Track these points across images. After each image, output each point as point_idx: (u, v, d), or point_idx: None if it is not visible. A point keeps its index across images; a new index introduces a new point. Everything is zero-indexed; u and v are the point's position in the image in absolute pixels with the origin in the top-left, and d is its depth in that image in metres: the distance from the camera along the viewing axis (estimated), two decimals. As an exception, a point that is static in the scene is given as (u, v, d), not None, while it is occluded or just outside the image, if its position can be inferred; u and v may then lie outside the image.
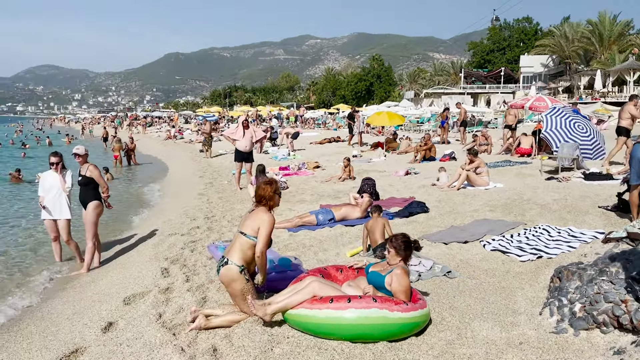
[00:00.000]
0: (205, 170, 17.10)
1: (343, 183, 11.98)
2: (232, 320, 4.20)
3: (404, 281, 4.02)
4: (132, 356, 3.93)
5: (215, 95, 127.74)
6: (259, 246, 4.19)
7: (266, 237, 4.22)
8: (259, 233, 4.23)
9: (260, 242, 4.20)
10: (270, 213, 4.37)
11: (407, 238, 4.31)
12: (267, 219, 4.27)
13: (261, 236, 4.22)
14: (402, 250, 4.21)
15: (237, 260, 4.20)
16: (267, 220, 4.26)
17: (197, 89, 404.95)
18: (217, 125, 40.31)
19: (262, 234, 4.22)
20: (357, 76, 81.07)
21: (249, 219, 4.36)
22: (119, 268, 6.79)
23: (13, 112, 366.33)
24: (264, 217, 4.29)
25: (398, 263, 4.19)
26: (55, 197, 7.10)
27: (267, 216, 4.30)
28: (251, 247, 4.21)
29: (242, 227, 4.36)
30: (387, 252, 4.28)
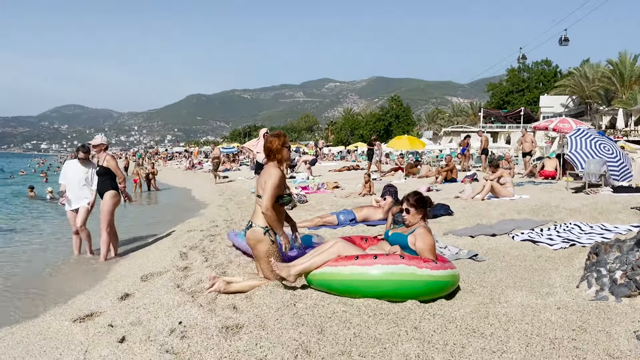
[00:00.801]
0: (224, 191, 17.10)
1: (363, 198, 11.82)
2: (252, 285, 4.04)
3: (428, 239, 3.87)
4: (149, 314, 3.79)
5: (235, 134, 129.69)
6: (264, 201, 3.93)
7: (270, 190, 3.94)
8: (264, 187, 3.99)
9: (264, 197, 3.94)
10: (277, 167, 4.08)
11: (419, 194, 4.21)
12: (273, 172, 4.00)
13: (265, 190, 3.96)
14: (419, 207, 4.08)
15: (260, 222, 4.06)
16: (272, 173, 4.00)
17: (217, 129, 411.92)
18: (236, 157, 40.69)
19: (266, 188, 3.96)
20: (375, 116, 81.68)
21: (259, 178, 4.17)
22: (137, 257, 6.69)
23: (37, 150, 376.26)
24: (270, 170, 4.04)
25: (419, 222, 4.05)
26: (77, 187, 7.10)
27: (274, 170, 4.03)
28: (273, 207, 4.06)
29: (257, 189, 4.23)
30: (404, 214, 4.14)
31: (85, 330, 3.72)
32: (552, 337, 2.93)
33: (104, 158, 7.04)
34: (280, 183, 4.01)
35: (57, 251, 7.82)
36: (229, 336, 3.06)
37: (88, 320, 4.00)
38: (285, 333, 3.01)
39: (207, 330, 3.19)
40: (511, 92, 68.92)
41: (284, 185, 4.11)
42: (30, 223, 11.28)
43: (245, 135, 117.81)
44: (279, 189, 3.99)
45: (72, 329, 3.81)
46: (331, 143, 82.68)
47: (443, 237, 6.27)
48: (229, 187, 18.25)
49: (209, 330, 3.17)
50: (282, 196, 4.06)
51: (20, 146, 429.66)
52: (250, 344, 2.90)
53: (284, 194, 4.07)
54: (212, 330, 3.17)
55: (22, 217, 12.38)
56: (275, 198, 3.99)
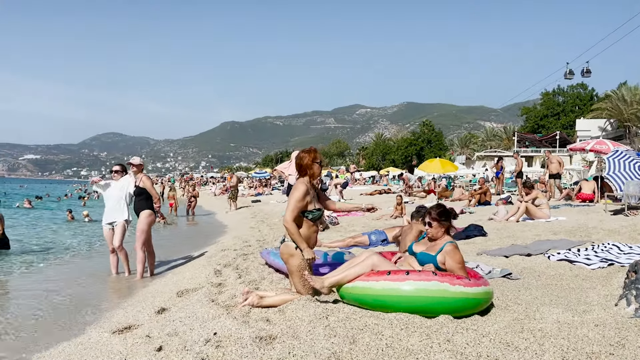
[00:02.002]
0: (257, 214, 17.30)
1: (395, 220, 11.79)
2: (284, 300, 4.09)
3: (457, 256, 3.86)
4: (185, 326, 3.88)
5: (267, 160, 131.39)
6: (286, 213, 4.00)
7: (293, 202, 3.97)
8: (288, 201, 4.06)
9: (286, 209, 4.01)
10: (304, 183, 4.09)
11: (442, 206, 4.19)
12: (299, 187, 4.04)
13: (288, 203, 4.02)
14: (442, 220, 4.05)
15: (294, 237, 4.13)
16: (298, 187, 4.04)
17: (250, 155, 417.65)
18: (268, 182, 41.14)
19: (289, 201, 4.01)
20: (407, 141, 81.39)
21: None
22: (172, 275, 6.85)
23: (77, 176, 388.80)
24: (297, 185, 4.08)
25: (443, 237, 4.04)
26: (114, 204, 7.32)
27: (300, 184, 4.07)
28: (303, 222, 4.10)
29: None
30: (427, 227, 4.13)
31: (123, 341, 3.83)
32: (589, 351, 2.87)
33: (140, 179, 7.29)
34: (305, 197, 4.02)
35: (94, 269, 8.05)
36: (263, 346, 3.12)
37: (126, 332, 4.12)
38: (317, 343, 3.05)
39: (241, 340, 3.25)
40: (546, 116, 67.78)
41: (312, 201, 4.12)
42: (68, 244, 11.65)
43: (277, 161, 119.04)
44: (302, 202, 4.01)
45: (111, 340, 3.93)
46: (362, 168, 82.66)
47: (476, 257, 6.20)
48: (262, 210, 18.45)
49: (243, 340, 3.24)
50: (311, 211, 4.08)
51: (61, 173, 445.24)
52: (283, 353, 2.95)
53: (313, 209, 4.11)
54: (246, 340, 3.23)
55: (60, 238, 12.80)
56: (297, 211, 4.00)
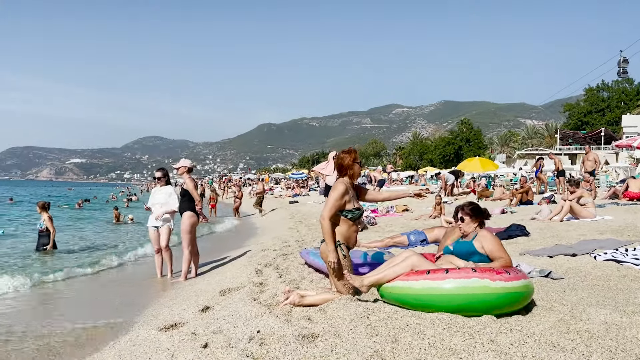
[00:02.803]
0: (295, 214, 17.44)
1: (434, 220, 11.67)
2: (325, 299, 4.13)
3: (494, 239, 3.94)
4: (229, 324, 3.98)
5: (304, 161, 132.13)
6: (323, 210, 4.07)
7: (331, 200, 4.05)
8: (327, 199, 4.14)
9: (324, 207, 4.10)
10: (343, 183, 4.15)
11: (474, 203, 4.28)
12: (338, 186, 4.11)
13: (327, 201, 4.12)
14: (474, 215, 4.14)
15: (334, 236, 4.18)
16: (337, 187, 4.11)
17: (287, 157, 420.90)
18: (305, 182, 41.37)
19: (328, 199, 4.11)
20: (445, 140, 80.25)
21: None
22: (215, 274, 7.00)
23: (121, 179, 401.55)
24: (336, 185, 4.15)
25: (476, 230, 4.09)
26: (157, 208, 7.53)
27: (339, 184, 4.13)
28: (341, 222, 4.12)
29: None
30: (459, 223, 4.18)
31: (170, 338, 3.96)
32: (639, 353, 2.80)
33: (184, 180, 7.47)
34: (344, 196, 4.07)
35: (140, 270, 8.32)
36: (305, 343, 3.17)
37: (173, 330, 4.26)
38: (359, 342, 3.08)
39: (284, 338, 3.31)
40: (590, 112, 65.59)
41: (352, 200, 4.16)
42: (113, 245, 12.05)
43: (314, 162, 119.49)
44: (340, 201, 4.06)
45: (158, 337, 4.07)
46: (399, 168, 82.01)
47: (519, 258, 6.09)
48: (299, 211, 18.59)
49: (286, 338, 3.30)
50: (350, 210, 4.12)
51: (105, 176, 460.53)
52: (325, 351, 3.00)
53: (352, 209, 4.14)
54: (288, 338, 3.29)
55: (106, 240, 13.25)
56: (335, 209, 4.06)
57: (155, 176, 7.62)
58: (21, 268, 8.30)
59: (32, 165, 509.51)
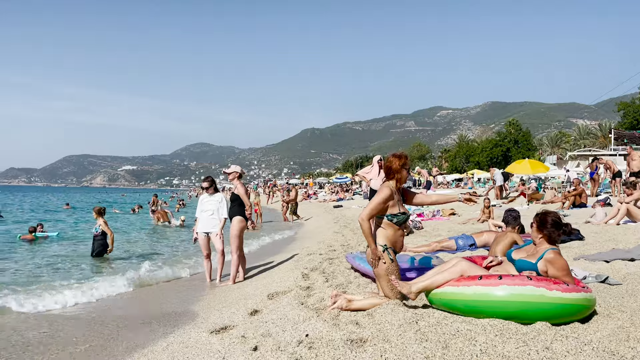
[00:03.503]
0: (339, 219, 17.46)
1: (482, 224, 11.42)
2: (373, 304, 4.12)
3: (559, 262, 3.67)
4: (277, 328, 4.03)
5: (348, 165, 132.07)
6: (363, 211, 4.06)
7: (373, 203, 4.05)
8: (371, 200, 4.14)
9: (365, 208, 4.09)
10: (389, 187, 4.14)
11: (546, 214, 3.97)
12: (383, 189, 4.12)
13: (369, 203, 4.11)
14: (540, 226, 3.89)
15: (379, 240, 4.16)
16: (382, 190, 4.12)
17: (330, 161, 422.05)
18: (349, 187, 41.34)
19: (371, 201, 4.10)
20: (492, 142, 78.29)
21: None
22: (262, 279, 7.09)
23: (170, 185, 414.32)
24: (381, 188, 4.16)
25: (544, 245, 3.85)
26: (209, 216, 7.69)
27: (384, 187, 4.13)
28: (388, 226, 4.11)
29: None
30: (531, 227, 3.99)
31: (221, 341, 4.04)
32: None
33: (235, 185, 7.63)
34: (387, 200, 4.07)
35: (189, 273, 8.51)
36: (354, 348, 3.17)
37: (223, 332, 4.35)
38: (409, 347, 3.05)
39: (332, 343, 3.33)
40: (647, 110, 62.50)
41: (397, 205, 4.14)
42: (164, 249, 12.40)
43: (357, 166, 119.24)
44: (383, 205, 4.05)
45: (209, 340, 4.16)
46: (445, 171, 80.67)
47: (574, 263, 5.88)
48: (344, 216, 18.59)
49: (335, 343, 3.31)
50: (396, 215, 4.10)
51: (155, 182, 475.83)
52: (375, 356, 2.99)
53: (398, 213, 4.12)
54: (337, 342, 3.30)
55: (157, 243, 13.66)
56: (375, 212, 4.06)
57: (203, 186, 7.80)
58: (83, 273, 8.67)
59: (86, 172, 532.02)
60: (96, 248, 10.01)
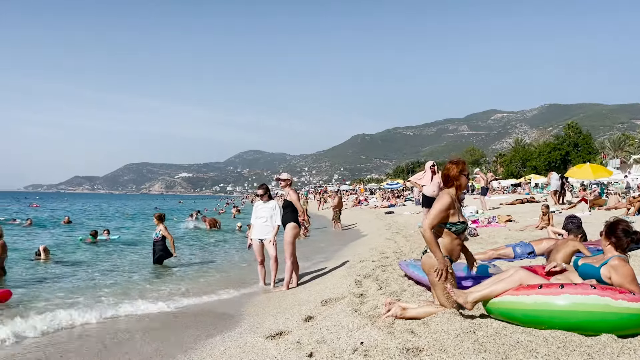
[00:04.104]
0: (391, 225, 17.29)
1: (541, 231, 11.02)
2: (428, 312, 4.07)
3: (624, 270, 3.50)
4: (332, 335, 4.06)
5: (399, 171, 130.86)
6: (425, 221, 3.98)
7: (435, 211, 3.95)
8: (430, 209, 4.04)
9: (427, 217, 4.00)
10: (448, 194, 4.05)
11: (617, 222, 3.79)
12: (443, 197, 4.02)
13: (430, 212, 4.01)
14: (607, 234, 3.72)
15: (435, 248, 4.11)
16: (442, 198, 4.02)
17: (381, 167, 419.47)
18: (401, 193, 40.92)
19: (431, 210, 4.00)
20: (550, 145, 75.48)
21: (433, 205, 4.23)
22: (315, 285, 7.14)
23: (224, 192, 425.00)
24: (441, 195, 4.06)
25: (612, 252, 3.68)
26: (263, 223, 7.81)
27: (445, 195, 4.04)
28: (445, 234, 4.04)
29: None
30: (600, 236, 3.82)
31: (277, 346, 4.11)
32: None
33: (287, 192, 7.74)
34: (449, 208, 3.99)
35: (245, 278, 8.69)
36: (410, 357, 3.15)
37: (278, 338, 4.42)
38: (467, 357, 3.00)
39: (388, 351, 3.31)
40: None
41: (457, 213, 4.08)
42: (222, 253, 12.71)
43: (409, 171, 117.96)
44: (444, 213, 3.98)
45: (265, 345, 4.24)
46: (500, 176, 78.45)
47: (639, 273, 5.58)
48: (396, 222, 18.40)
49: (390, 351, 3.30)
50: (454, 223, 4.03)
51: (210, 189, 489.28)
52: (432, 365, 2.95)
53: (457, 222, 4.05)
54: (392, 350, 3.29)
55: (215, 248, 14.01)
56: (437, 220, 3.97)
57: (258, 194, 7.94)
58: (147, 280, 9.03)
59: (145, 180, 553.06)
60: (157, 252, 10.36)
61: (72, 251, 13.14)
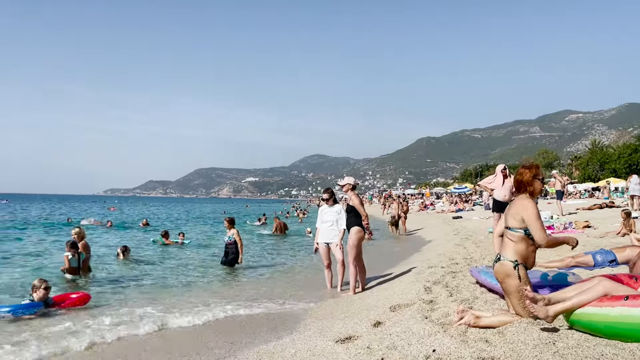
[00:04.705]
0: (460, 230, 16.90)
1: (623, 239, 10.38)
2: (503, 321, 3.94)
3: None
4: (402, 341, 4.02)
5: (466, 174, 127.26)
6: (537, 233, 3.84)
7: (536, 221, 3.83)
8: (527, 222, 3.88)
9: (535, 232, 3.86)
10: (529, 199, 3.96)
11: None
12: (529, 204, 3.90)
13: (530, 225, 3.86)
14: None
15: (510, 256, 3.98)
16: (528, 205, 3.90)
17: (447, 170, 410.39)
18: (469, 197, 39.84)
19: (529, 221, 3.86)
20: (630, 147, 70.85)
21: (510, 210, 4.08)
22: (382, 290, 7.10)
23: (289, 196, 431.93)
24: (524, 203, 3.93)
25: None
26: (329, 227, 7.88)
27: (528, 202, 3.92)
28: (521, 240, 3.93)
29: (505, 221, 4.14)
30: None
31: (347, 350, 4.12)
32: None
33: (350, 197, 7.78)
34: (538, 213, 3.90)
35: (311, 281, 8.79)
36: (486, 367, 3.06)
37: (348, 342, 4.43)
38: (546, 370, 2.88)
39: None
40: None
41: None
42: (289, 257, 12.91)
43: (477, 175, 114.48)
44: (540, 218, 3.90)
45: (335, 349, 4.26)
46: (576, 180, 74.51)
47: None
48: (464, 227, 17.97)
49: (464, 360, 3.23)
50: None
51: (275, 193, 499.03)
52: (509, 376, 2.86)
53: None
54: (467, 359, 3.21)
55: (283, 251, 14.27)
56: (544, 228, 3.88)
57: (323, 198, 8.01)
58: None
59: (214, 184, 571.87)
60: (230, 255, 10.71)
61: (149, 252, 13.85)
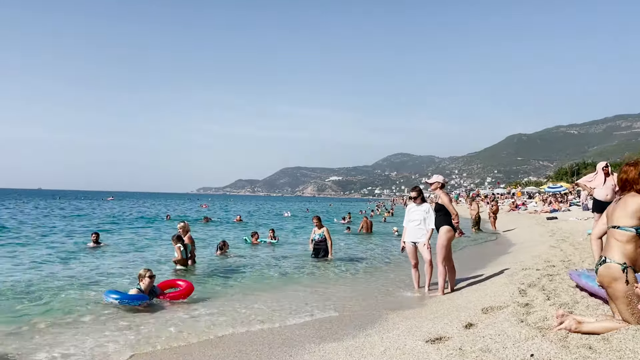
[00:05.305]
0: (555, 232, 15.99)
1: None
2: (607, 327, 3.70)
3: None
4: (497, 344, 3.89)
5: (561, 173, 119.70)
6: None
7: None
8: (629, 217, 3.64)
9: None
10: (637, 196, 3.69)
11: None
12: (631, 201, 3.65)
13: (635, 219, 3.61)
14: None
15: (617, 258, 3.72)
16: (631, 202, 3.65)
17: (540, 169, 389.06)
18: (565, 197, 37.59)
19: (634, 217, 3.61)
20: None
21: (617, 209, 3.80)
22: (473, 291, 6.90)
23: (372, 194, 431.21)
24: (629, 200, 3.67)
25: None
26: (416, 226, 7.78)
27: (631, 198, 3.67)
28: (630, 240, 3.65)
29: (611, 221, 3.86)
30: None
31: (437, 351, 4.06)
32: None
33: (438, 195, 7.63)
34: None
35: (400, 280, 8.73)
36: (591, 375, 2.90)
37: (438, 343, 4.36)
38: (661, 381, 2.67)
39: (563, 366, 3.09)
40: None
41: None
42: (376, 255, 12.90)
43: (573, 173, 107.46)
44: None
45: (426, 349, 4.21)
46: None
47: None
48: (560, 228, 16.97)
49: (565, 366, 3.07)
50: None
51: (358, 191, 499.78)
52: (617, 386, 2.69)
53: None
54: (569, 366, 3.06)
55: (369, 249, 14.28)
56: None
57: (411, 196, 7.92)
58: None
59: (299, 183, 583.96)
60: (321, 253, 11.37)
61: (243, 248, 14.54)
